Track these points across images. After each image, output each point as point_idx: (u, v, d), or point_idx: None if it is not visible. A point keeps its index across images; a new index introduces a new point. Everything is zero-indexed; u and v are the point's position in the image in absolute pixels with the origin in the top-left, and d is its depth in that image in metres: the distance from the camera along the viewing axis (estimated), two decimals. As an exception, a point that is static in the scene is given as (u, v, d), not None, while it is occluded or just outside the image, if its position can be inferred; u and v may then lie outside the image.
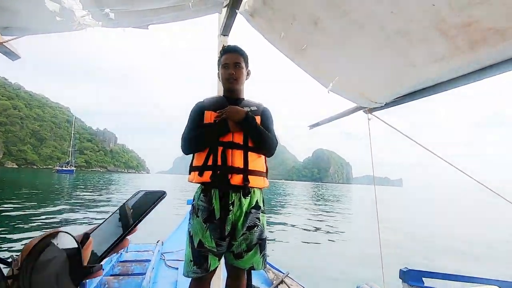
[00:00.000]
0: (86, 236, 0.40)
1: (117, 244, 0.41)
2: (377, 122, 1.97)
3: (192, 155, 1.51)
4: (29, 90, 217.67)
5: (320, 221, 11.54)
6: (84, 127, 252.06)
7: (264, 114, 1.58)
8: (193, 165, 1.48)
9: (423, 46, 1.14)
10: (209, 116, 1.48)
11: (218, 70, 1.63)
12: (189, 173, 1.49)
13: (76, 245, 0.36)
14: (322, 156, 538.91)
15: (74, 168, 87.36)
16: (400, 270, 1.89)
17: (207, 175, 1.39)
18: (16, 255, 0.34)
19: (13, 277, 0.32)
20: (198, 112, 1.52)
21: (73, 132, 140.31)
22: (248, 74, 1.63)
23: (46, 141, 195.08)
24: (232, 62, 1.53)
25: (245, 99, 1.62)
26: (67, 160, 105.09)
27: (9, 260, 0.34)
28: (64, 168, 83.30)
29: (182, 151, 1.49)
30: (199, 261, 1.38)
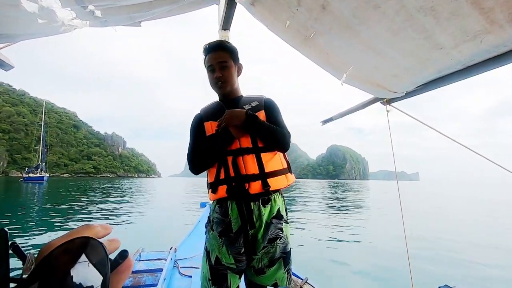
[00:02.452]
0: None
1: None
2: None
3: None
4: (34, 96, 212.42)
5: (341, 220, 11.27)
6: (91, 131, 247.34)
7: (268, 106, 1.42)
8: (208, 182, 1.36)
9: (451, 24, 0.98)
10: (210, 127, 1.35)
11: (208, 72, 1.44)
12: (208, 191, 1.38)
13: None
14: (337, 152, 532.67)
15: (46, 175, 58.87)
16: (439, 287, 1.73)
17: (222, 190, 1.27)
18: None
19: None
20: (197, 126, 1.40)
21: (43, 119, 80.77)
22: (239, 68, 1.45)
23: (52, 148, 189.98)
24: (217, 62, 1.35)
25: (243, 96, 1.47)
26: (36, 164, 67.22)
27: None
28: (31, 175, 55.99)
29: (192, 171, 1.37)
30: (217, 281, 1.26)
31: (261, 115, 1.35)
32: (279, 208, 1.31)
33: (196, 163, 1.33)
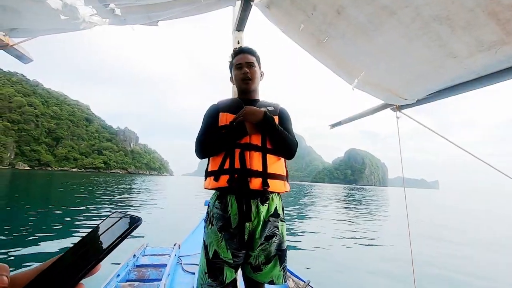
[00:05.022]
0: None
1: (86, 273, 0.34)
2: (406, 119, 1.80)
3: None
4: (47, 87, 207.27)
5: (351, 225, 11.17)
6: (104, 125, 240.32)
7: (282, 115, 1.49)
8: (209, 170, 1.39)
9: (467, 33, 0.98)
10: (224, 118, 1.40)
11: (231, 73, 1.56)
12: (205, 179, 1.41)
13: None
14: (356, 156, 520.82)
15: None
16: None
17: (224, 179, 1.30)
18: None
19: None
20: (212, 115, 1.44)
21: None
22: (261, 75, 1.56)
23: (62, 141, 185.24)
24: (245, 61, 1.46)
25: (260, 100, 1.53)
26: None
27: None
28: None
29: (196, 155, 1.42)
30: (214, 273, 1.29)
31: (275, 120, 1.39)
32: (276, 207, 1.36)
33: (203, 147, 1.37)
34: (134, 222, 0.37)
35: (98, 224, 0.40)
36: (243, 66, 1.46)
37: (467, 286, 5.03)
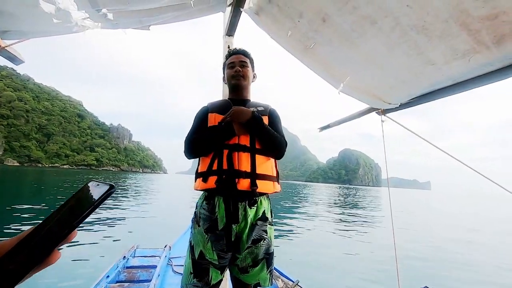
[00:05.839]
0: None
1: (61, 240, 0.36)
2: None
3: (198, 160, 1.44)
4: (39, 82, 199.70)
5: (343, 225, 11.26)
6: (97, 122, 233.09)
7: (272, 115, 1.50)
8: (198, 171, 1.39)
9: (442, 42, 1.05)
10: (213, 119, 1.41)
11: (224, 73, 1.59)
12: (195, 180, 1.41)
13: None
14: (350, 156, 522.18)
15: None
16: None
17: (212, 180, 1.30)
18: None
19: None
20: (202, 116, 1.46)
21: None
22: (254, 76, 1.59)
23: (53, 137, 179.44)
24: (238, 61, 1.50)
25: (251, 100, 1.55)
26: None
27: None
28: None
29: (185, 155, 1.42)
30: (199, 274, 1.30)
31: (264, 120, 1.41)
32: (264, 210, 1.36)
33: (192, 147, 1.38)
34: (109, 189, 0.39)
35: (75, 193, 0.42)
36: (236, 64, 1.49)
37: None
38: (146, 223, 9.11)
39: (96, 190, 0.40)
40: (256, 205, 1.34)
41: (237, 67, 1.48)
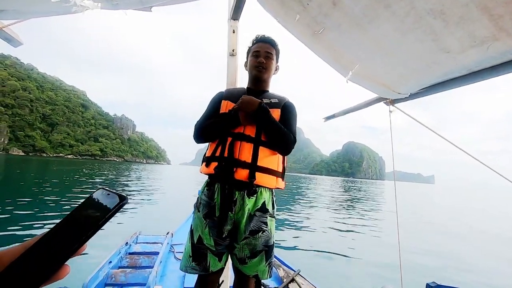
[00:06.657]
0: None
1: (71, 255, 0.33)
2: (401, 113, 1.81)
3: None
4: (43, 72, 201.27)
5: (347, 218, 11.30)
6: (100, 112, 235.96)
7: (286, 108, 1.46)
8: (206, 155, 1.43)
9: (460, 28, 0.98)
10: (225, 106, 1.42)
11: (246, 59, 1.57)
12: (201, 164, 1.45)
13: None
14: (354, 149, 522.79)
15: None
16: (427, 284, 1.76)
17: (213, 166, 1.33)
18: None
19: None
20: (215, 102, 1.48)
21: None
22: (276, 69, 1.57)
23: (57, 127, 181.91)
24: (264, 51, 1.48)
25: (269, 92, 1.54)
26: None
27: None
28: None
29: (194, 138, 1.45)
30: (197, 258, 1.33)
31: (275, 112, 1.39)
32: (264, 202, 1.34)
33: (200, 133, 1.41)
34: (120, 200, 0.37)
35: (84, 201, 0.39)
36: (261, 55, 1.47)
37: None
38: (150, 210, 9.20)
39: (107, 200, 0.37)
40: (255, 196, 1.32)
41: (261, 58, 1.46)
